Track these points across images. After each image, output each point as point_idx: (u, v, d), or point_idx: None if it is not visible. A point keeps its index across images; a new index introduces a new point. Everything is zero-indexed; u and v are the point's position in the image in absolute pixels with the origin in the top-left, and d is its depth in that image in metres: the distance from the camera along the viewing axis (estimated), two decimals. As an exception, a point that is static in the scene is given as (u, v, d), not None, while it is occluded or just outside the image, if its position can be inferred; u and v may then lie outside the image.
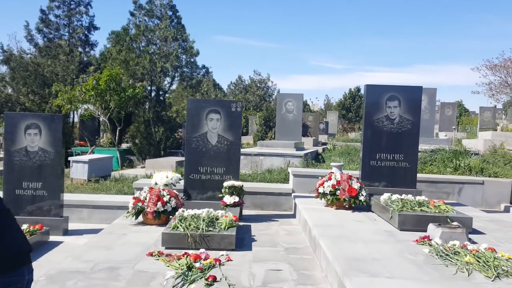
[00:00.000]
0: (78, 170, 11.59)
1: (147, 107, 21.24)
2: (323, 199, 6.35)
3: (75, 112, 19.77)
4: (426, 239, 4.38)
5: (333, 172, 6.55)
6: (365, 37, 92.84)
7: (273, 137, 17.22)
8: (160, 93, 21.64)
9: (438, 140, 13.16)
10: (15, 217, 2.31)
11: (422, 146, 9.23)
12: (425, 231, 4.63)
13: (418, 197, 5.60)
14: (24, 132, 6.13)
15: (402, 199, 5.57)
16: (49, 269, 4.03)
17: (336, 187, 6.17)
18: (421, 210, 5.19)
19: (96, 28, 26.24)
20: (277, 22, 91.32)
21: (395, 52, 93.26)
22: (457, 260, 3.68)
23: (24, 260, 2.22)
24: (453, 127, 18.93)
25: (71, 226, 6.45)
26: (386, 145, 6.63)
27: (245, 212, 6.76)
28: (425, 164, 9.25)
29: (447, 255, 3.82)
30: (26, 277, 2.20)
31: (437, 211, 5.12)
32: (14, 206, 5.87)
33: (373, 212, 6.01)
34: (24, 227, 5.42)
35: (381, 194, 5.89)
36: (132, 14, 21.19)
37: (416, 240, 4.42)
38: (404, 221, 4.97)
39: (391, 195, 5.73)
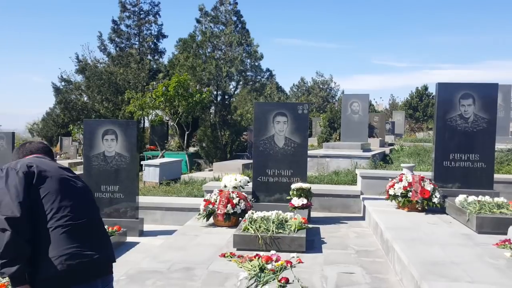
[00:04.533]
0: (150, 173, 12.04)
1: (213, 111, 21.72)
2: (393, 201, 6.21)
3: (145, 117, 20.56)
4: (507, 242, 4.17)
5: (403, 174, 6.38)
6: (428, 34, 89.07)
7: (337, 138, 17.01)
8: (226, 97, 22.05)
9: (515, 139, 12.41)
10: None
11: (497, 146, 8.75)
12: (505, 234, 4.40)
13: (496, 199, 5.34)
14: (102, 138, 6.47)
15: (479, 201, 5.32)
16: (129, 269, 4.23)
17: (408, 188, 6.00)
18: (500, 212, 4.95)
19: (164, 36, 27.29)
20: (337, 22, 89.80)
21: (462, 48, 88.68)
22: (544, 265, 3.48)
23: (100, 272, 2.19)
24: (531, 124, 17.75)
25: (146, 227, 6.73)
26: (460, 145, 6.38)
27: (313, 214, 6.73)
28: (501, 164, 8.79)
29: (531, 259, 3.62)
30: None
31: (518, 214, 4.85)
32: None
33: (447, 214, 5.79)
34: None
35: (455, 195, 5.67)
36: (198, 21, 21.80)
37: (497, 244, 4.22)
38: (483, 223, 4.76)
39: (467, 196, 5.49)
